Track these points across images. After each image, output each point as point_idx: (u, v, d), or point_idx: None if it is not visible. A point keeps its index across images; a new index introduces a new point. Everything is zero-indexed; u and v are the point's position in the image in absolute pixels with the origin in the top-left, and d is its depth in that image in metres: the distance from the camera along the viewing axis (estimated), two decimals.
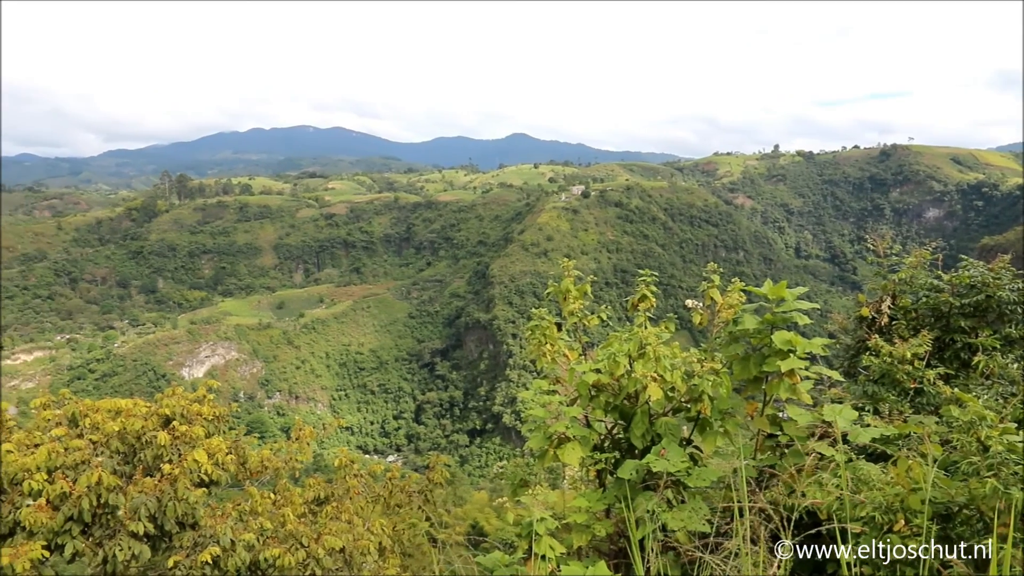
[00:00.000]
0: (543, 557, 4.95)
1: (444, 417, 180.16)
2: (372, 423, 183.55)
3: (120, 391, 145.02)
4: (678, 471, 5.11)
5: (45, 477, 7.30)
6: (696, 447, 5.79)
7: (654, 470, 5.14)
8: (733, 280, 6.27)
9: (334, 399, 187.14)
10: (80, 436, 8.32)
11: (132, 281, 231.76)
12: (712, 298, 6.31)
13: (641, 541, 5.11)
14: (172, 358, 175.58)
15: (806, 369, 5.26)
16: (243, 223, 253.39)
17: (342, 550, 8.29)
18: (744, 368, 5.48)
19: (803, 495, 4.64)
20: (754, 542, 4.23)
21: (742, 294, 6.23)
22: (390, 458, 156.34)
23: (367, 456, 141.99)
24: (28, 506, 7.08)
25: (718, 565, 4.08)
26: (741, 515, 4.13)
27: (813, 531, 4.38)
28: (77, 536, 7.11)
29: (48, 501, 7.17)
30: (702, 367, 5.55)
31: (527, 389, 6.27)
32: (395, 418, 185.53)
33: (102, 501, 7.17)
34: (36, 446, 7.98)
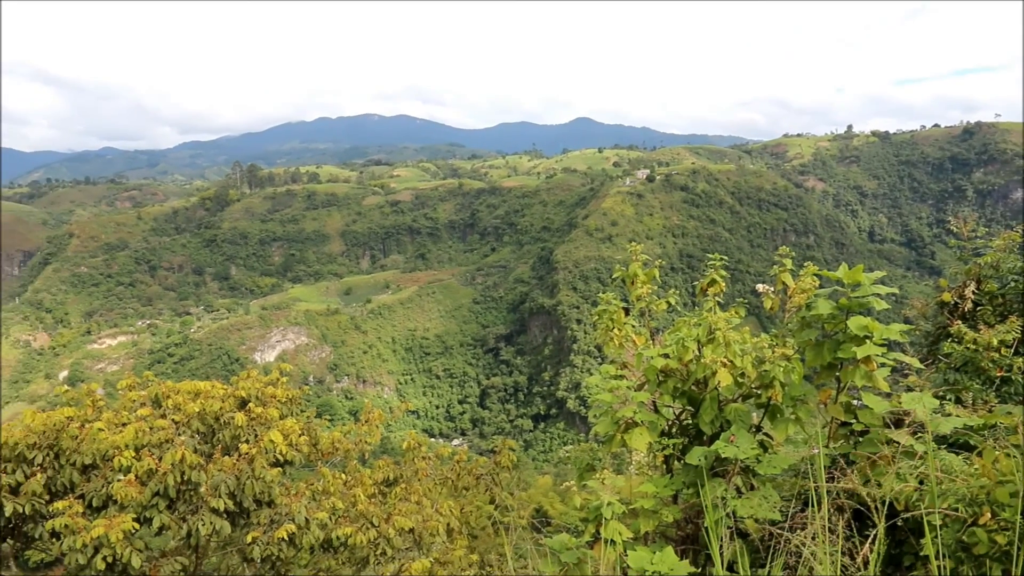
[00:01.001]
0: (610, 541, 4.95)
1: (508, 402, 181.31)
2: (437, 407, 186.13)
3: (197, 375, 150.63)
4: (748, 458, 5.03)
5: (133, 454, 7.68)
6: (766, 434, 5.68)
7: (723, 456, 5.07)
8: (806, 264, 6.10)
9: (400, 383, 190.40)
10: (163, 416, 8.72)
11: (206, 268, 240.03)
12: (784, 282, 6.16)
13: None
14: (245, 343, 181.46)
15: (883, 356, 5.09)
16: (311, 211, 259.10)
17: (411, 530, 8.47)
18: (817, 354, 5.34)
19: (879, 485, 4.51)
20: (831, 531, 4.14)
21: (815, 278, 6.06)
22: (455, 442, 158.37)
23: (432, 440, 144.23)
24: (119, 481, 7.46)
25: (796, 552, 4.01)
26: (819, 504, 4.05)
27: (890, 522, 4.25)
28: (163, 510, 7.46)
29: (136, 477, 7.54)
30: (773, 353, 5.44)
31: (591, 375, 6.25)
32: (460, 402, 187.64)
33: (185, 478, 7.51)
34: (124, 425, 8.39)
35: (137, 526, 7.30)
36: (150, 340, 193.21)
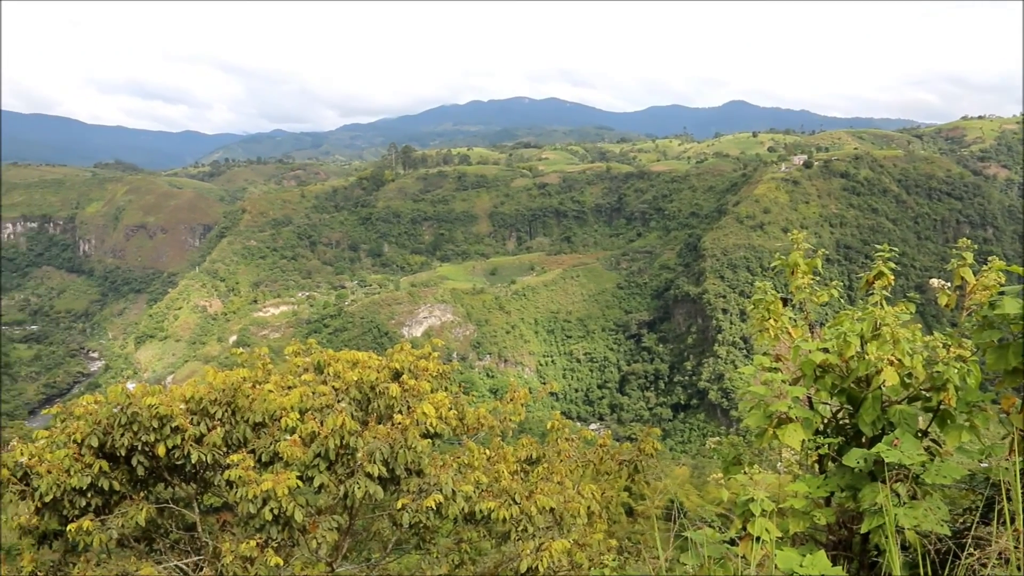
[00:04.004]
0: (757, 539, 4.81)
1: (648, 389, 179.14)
2: (576, 390, 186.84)
3: (349, 345, 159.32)
4: (913, 464, 4.72)
5: (298, 416, 8.29)
6: (933, 441, 5.32)
7: (886, 461, 4.78)
8: (990, 258, 5.59)
9: (541, 365, 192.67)
10: (324, 383, 9.32)
11: (361, 245, 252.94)
12: (963, 278, 5.68)
13: (866, 535, 4.81)
14: (394, 317, 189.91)
15: None
16: (461, 192, 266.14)
17: (552, 510, 8.61)
18: (1001, 358, 4.92)
19: None
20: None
21: (1001, 274, 5.55)
22: (592, 426, 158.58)
23: (571, 422, 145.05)
24: (285, 440, 8.10)
25: (971, 572, 3.72)
26: (1011, 520, 3.72)
27: None
28: (323, 471, 8.02)
29: (300, 438, 8.14)
30: (947, 353, 5.05)
31: (736, 366, 6.06)
32: (599, 387, 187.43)
33: (344, 442, 8.02)
34: (290, 388, 9.06)
35: (300, 483, 7.90)
36: (308, 310, 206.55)
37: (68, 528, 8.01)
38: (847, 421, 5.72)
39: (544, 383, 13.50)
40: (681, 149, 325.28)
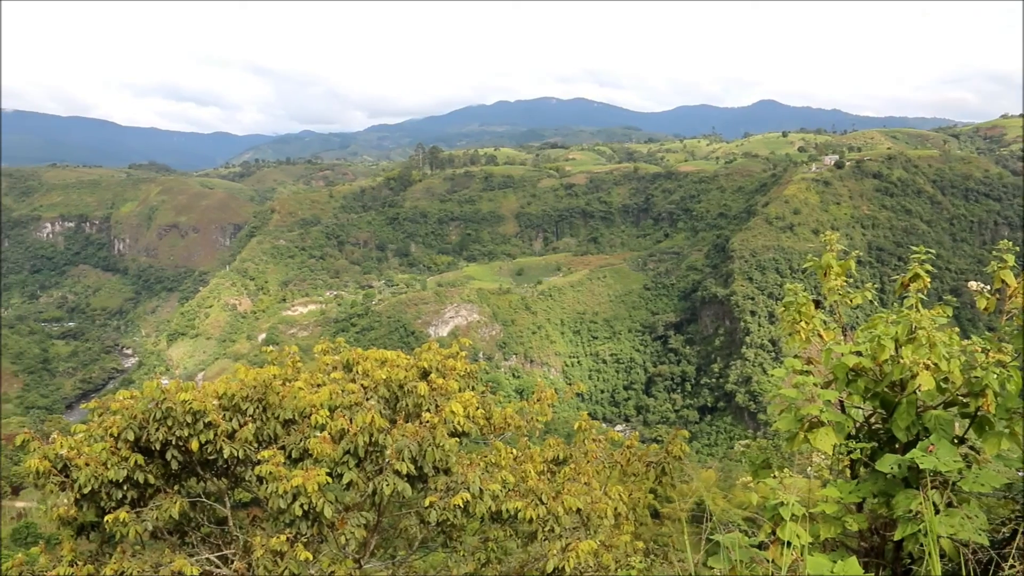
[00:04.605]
0: (787, 544, 4.77)
1: (675, 391, 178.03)
2: (602, 391, 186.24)
3: (376, 344, 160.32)
4: (949, 471, 4.65)
5: (327, 413, 8.39)
6: (971, 448, 5.23)
7: (921, 467, 4.71)
8: None
9: (567, 365, 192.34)
10: (353, 381, 9.41)
11: (388, 245, 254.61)
12: (1003, 280, 5.58)
13: (900, 543, 4.75)
14: (420, 317, 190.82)
15: None
16: (488, 192, 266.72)
17: (579, 511, 8.60)
18: None
19: None
20: None
21: None
22: (618, 427, 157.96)
23: (596, 423, 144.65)
24: (315, 437, 8.19)
25: None
26: None
27: None
28: (352, 468, 8.10)
29: (330, 435, 8.23)
30: (987, 358, 4.96)
31: (763, 369, 6.02)
32: (625, 388, 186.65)
33: (373, 440, 8.10)
34: (319, 386, 9.16)
35: (329, 480, 7.99)
36: (336, 309, 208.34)
37: (105, 519, 8.20)
38: (880, 426, 5.64)
39: (570, 384, 13.49)
40: (709, 149, 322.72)
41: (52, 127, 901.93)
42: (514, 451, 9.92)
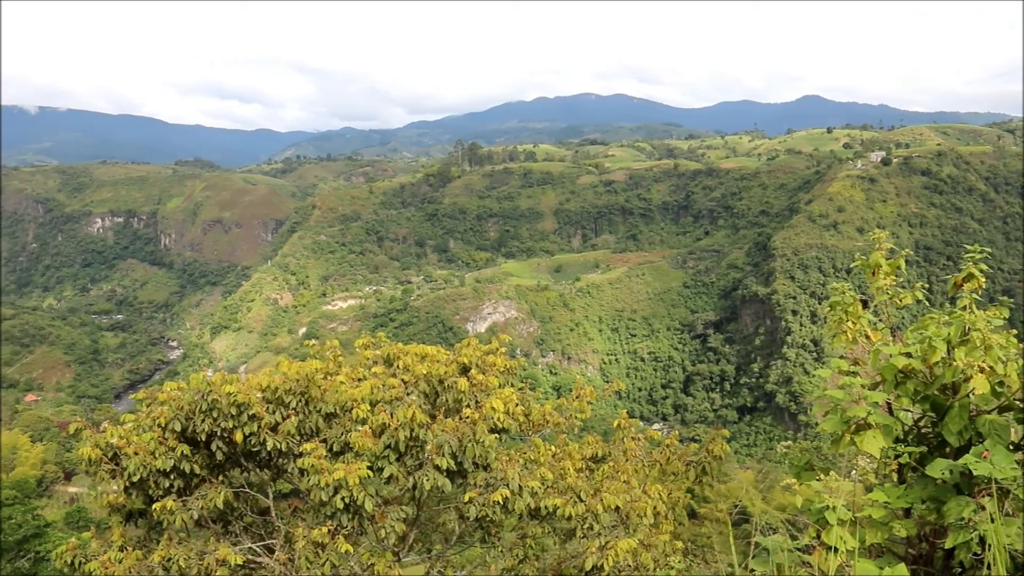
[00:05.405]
0: (832, 548, 4.68)
1: (713, 391, 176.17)
2: (640, 390, 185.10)
3: (414, 340, 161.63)
4: (1005, 478, 4.50)
5: (368, 408, 8.47)
6: None
7: (975, 473, 4.58)
8: None
9: (604, 363, 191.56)
10: (394, 375, 9.49)
11: (427, 241, 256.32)
12: None
13: (950, 551, 4.63)
14: (459, 313, 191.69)
15: None
16: (526, 188, 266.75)
17: (617, 509, 8.56)
18: None
19: None
20: None
21: None
22: (655, 426, 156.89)
23: (635, 421, 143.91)
24: (357, 431, 8.28)
25: None
26: None
27: None
28: (393, 462, 8.17)
29: (371, 429, 8.31)
30: None
31: (805, 370, 5.91)
32: (663, 387, 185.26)
33: (414, 435, 8.16)
34: (361, 380, 9.26)
35: (370, 474, 8.08)
36: (375, 304, 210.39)
37: (153, 507, 8.42)
38: (930, 430, 5.50)
39: (608, 381, 13.43)
40: (751, 146, 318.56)
41: (103, 125, 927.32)
42: (553, 448, 9.91)
